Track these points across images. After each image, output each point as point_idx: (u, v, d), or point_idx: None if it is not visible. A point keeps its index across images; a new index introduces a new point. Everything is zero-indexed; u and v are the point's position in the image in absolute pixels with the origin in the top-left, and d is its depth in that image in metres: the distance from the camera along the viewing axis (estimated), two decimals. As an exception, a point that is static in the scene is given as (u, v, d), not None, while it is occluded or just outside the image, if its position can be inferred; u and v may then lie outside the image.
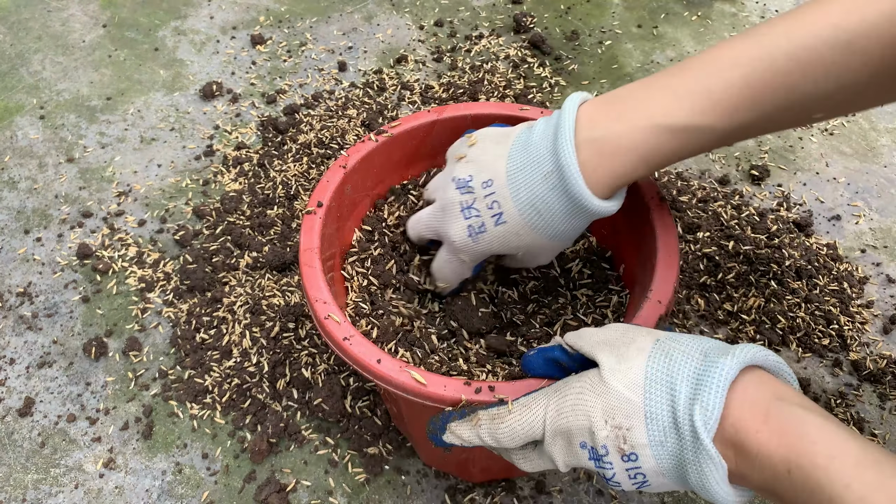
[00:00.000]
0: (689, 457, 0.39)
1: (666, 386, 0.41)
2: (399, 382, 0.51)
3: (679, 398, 0.40)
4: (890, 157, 1.07)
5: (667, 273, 0.57)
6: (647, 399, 0.41)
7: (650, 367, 0.42)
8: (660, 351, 0.43)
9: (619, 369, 0.43)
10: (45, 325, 0.86)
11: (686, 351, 0.42)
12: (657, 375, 0.42)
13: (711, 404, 0.38)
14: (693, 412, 0.39)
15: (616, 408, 0.42)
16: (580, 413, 0.44)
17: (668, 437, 0.40)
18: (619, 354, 0.44)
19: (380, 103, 1.11)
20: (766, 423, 0.38)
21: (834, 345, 0.84)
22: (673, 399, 0.40)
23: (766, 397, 0.39)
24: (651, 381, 0.42)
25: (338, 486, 0.73)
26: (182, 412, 0.78)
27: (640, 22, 1.30)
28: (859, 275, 0.91)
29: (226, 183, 1.01)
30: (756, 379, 0.40)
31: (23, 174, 1.03)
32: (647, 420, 0.41)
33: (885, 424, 0.78)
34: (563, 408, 0.45)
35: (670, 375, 0.41)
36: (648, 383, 0.42)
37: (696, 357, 0.41)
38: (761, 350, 0.41)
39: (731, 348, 0.41)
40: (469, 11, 1.32)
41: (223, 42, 1.25)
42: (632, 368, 0.43)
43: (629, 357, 0.43)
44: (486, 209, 0.55)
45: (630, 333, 0.46)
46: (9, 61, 1.20)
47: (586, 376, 0.45)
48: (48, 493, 0.73)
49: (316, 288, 0.57)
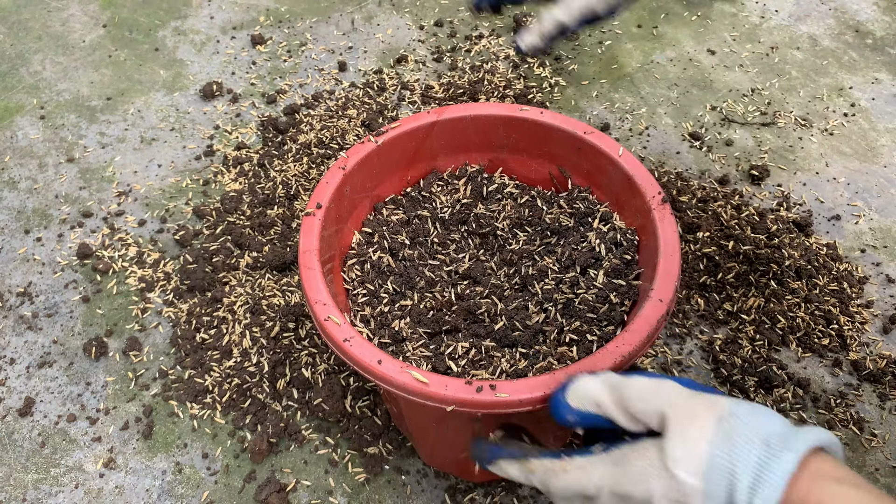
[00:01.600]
0: None
1: (726, 473, 0.43)
2: (400, 383, 0.51)
3: (739, 487, 0.42)
4: (890, 157, 1.07)
5: (668, 272, 0.57)
6: (707, 483, 0.43)
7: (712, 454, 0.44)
8: (722, 435, 0.44)
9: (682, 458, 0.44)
10: (45, 325, 0.86)
11: (748, 437, 0.44)
12: (718, 463, 0.43)
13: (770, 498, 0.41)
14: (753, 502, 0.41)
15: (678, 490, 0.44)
16: (642, 489, 0.46)
17: None
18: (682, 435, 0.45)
19: (380, 103, 1.11)
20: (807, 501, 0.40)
21: (834, 345, 0.84)
22: (732, 487, 0.42)
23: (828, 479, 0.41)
24: (712, 467, 0.43)
25: (338, 485, 0.73)
26: (182, 412, 0.78)
27: (640, 22, 1.30)
28: (859, 275, 0.91)
29: (226, 183, 1.01)
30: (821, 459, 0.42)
31: (23, 174, 1.03)
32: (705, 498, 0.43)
33: (885, 424, 0.78)
34: (623, 480, 0.47)
35: (731, 464, 0.43)
36: (710, 469, 0.43)
37: (758, 446, 0.43)
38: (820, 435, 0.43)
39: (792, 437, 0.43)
40: (469, 11, 1.32)
41: (223, 42, 1.25)
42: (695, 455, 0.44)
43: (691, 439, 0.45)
44: None
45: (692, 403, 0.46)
46: (9, 61, 1.20)
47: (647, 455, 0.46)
48: (48, 493, 0.73)
49: (315, 290, 0.57)
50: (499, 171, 0.75)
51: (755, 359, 0.82)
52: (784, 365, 0.82)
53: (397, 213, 0.72)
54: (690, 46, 1.25)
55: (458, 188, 0.73)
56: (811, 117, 1.13)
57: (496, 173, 0.75)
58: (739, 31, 1.28)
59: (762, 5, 1.34)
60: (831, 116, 1.13)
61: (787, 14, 1.32)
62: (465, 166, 0.75)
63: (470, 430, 0.55)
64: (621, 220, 0.67)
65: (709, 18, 1.31)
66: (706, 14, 1.32)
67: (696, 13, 1.32)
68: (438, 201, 0.72)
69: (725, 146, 1.08)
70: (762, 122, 1.12)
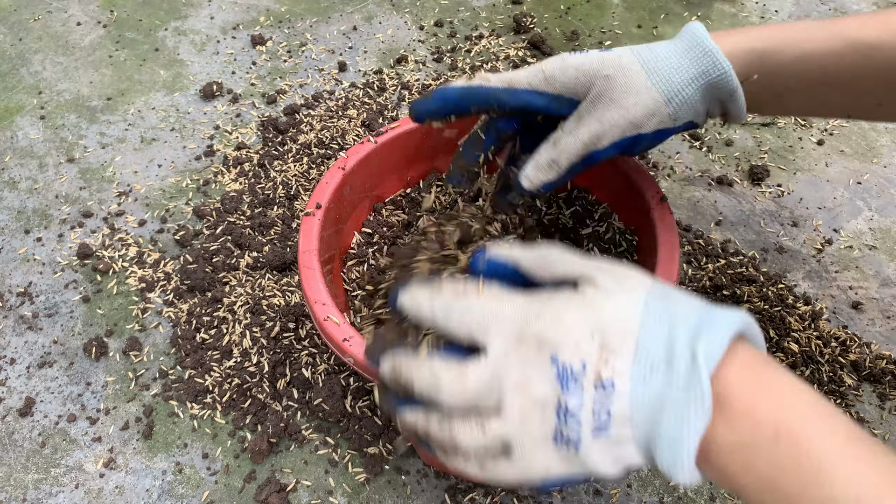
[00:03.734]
0: (675, 395, 0.35)
1: (666, 322, 0.38)
2: None
3: (678, 335, 0.37)
4: (890, 157, 1.07)
5: (667, 271, 0.57)
6: (643, 329, 0.37)
7: (650, 301, 0.39)
8: (658, 291, 0.40)
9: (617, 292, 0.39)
10: (45, 325, 0.86)
11: (685, 299, 0.40)
12: (657, 310, 0.38)
13: (717, 344, 0.36)
14: (696, 346, 0.36)
15: (607, 328, 0.38)
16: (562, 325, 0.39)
17: (654, 373, 0.36)
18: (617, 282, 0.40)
19: (380, 103, 1.12)
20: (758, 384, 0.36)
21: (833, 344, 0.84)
22: (671, 336, 0.37)
23: (759, 360, 0.38)
24: (649, 313, 0.38)
25: (338, 485, 0.73)
26: (182, 412, 0.78)
27: (640, 22, 1.30)
28: (859, 275, 0.91)
29: (226, 183, 1.01)
30: (746, 343, 0.39)
31: (23, 174, 1.03)
32: (637, 349, 0.37)
33: (885, 424, 0.78)
34: (543, 312, 0.40)
35: (671, 314, 0.38)
36: (646, 314, 0.38)
37: (696, 306, 0.39)
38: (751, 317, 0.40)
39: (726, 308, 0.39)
40: (469, 12, 1.32)
41: (223, 42, 1.25)
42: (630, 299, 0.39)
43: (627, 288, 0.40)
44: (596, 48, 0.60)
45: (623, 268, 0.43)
46: (9, 61, 1.21)
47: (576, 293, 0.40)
48: (48, 493, 0.73)
49: (315, 290, 0.57)
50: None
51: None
52: (782, 361, 0.82)
53: (397, 213, 0.72)
54: (690, 46, 1.25)
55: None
56: (811, 117, 1.13)
57: (495, 174, 0.75)
58: (739, 31, 1.28)
59: (762, 5, 1.34)
60: (831, 116, 1.13)
61: (787, 14, 1.32)
62: None
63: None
64: (620, 220, 0.67)
65: (709, 18, 1.31)
66: (706, 14, 1.32)
67: (696, 13, 1.32)
68: (438, 202, 0.72)
69: (725, 146, 1.08)
70: (762, 122, 1.12)
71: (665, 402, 0.36)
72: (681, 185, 1.02)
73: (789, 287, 0.89)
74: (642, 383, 0.36)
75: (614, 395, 0.36)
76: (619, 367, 0.36)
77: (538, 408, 0.38)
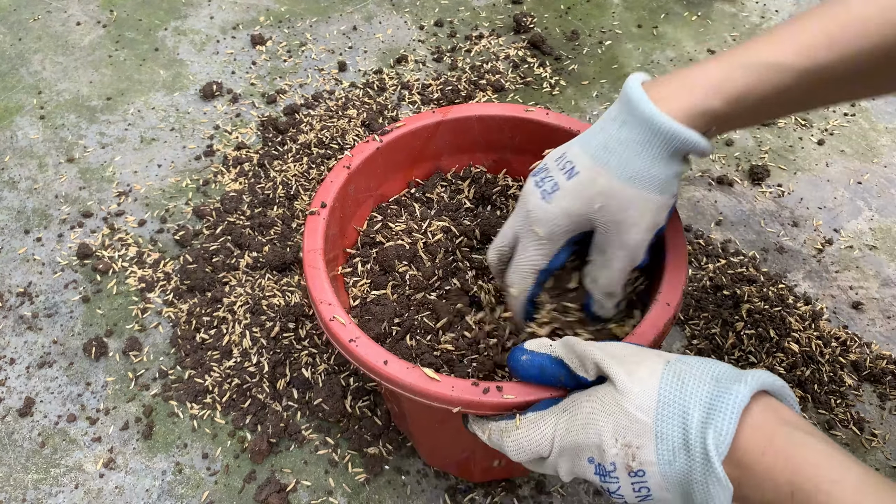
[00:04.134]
0: (698, 477, 0.40)
1: (678, 409, 0.42)
2: (406, 384, 0.51)
3: (691, 422, 0.41)
4: (890, 157, 1.07)
5: (675, 276, 0.56)
6: (658, 421, 0.42)
7: (663, 390, 0.43)
8: (672, 374, 0.43)
9: (632, 391, 0.43)
10: (45, 325, 0.86)
11: (698, 376, 0.43)
12: (670, 398, 0.42)
13: (725, 430, 0.40)
14: (706, 436, 0.40)
15: (627, 427, 0.43)
16: (591, 432, 0.44)
17: (677, 457, 0.41)
18: (630, 374, 0.44)
19: (380, 103, 1.11)
20: (772, 447, 0.39)
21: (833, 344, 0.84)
22: (685, 422, 0.41)
23: (773, 422, 0.40)
24: (663, 403, 0.42)
25: (338, 486, 0.73)
26: (182, 412, 0.78)
27: (640, 22, 1.30)
28: (859, 275, 0.91)
29: (226, 183, 1.01)
30: (763, 404, 0.41)
31: (23, 174, 1.03)
32: (658, 440, 0.42)
33: (885, 424, 0.78)
34: (572, 426, 0.46)
35: (683, 399, 0.42)
36: (661, 406, 0.42)
37: (709, 382, 0.42)
38: (770, 375, 0.42)
39: (741, 374, 0.42)
40: (469, 11, 1.32)
41: (223, 42, 1.25)
42: (645, 391, 0.43)
43: (641, 379, 0.44)
44: (558, 168, 0.53)
45: (640, 354, 0.46)
46: (9, 61, 1.20)
47: (596, 395, 0.45)
48: (48, 493, 0.73)
49: (320, 290, 0.57)
50: (503, 173, 0.75)
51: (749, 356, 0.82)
52: (782, 361, 0.82)
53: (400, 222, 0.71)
54: (690, 46, 1.25)
55: (462, 189, 0.73)
56: (811, 117, 1.13)
57: (500, 174, 0.75)
58: (739, 31, 1.28)
59: (762, 5, 1.34)
60: (831, 116, 1.13)
61: (788, 14, 1.32)
62: (470, 167, 0.75)
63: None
64: None
65: (709, 18, 1.31)
66: (706, 14, 1.32)
67: (696, 13, 1.32)
68: (442, 203, 0.72)
69: (725, 146, 1.08)
70: (762, 122, 1.12)
71: (690, 480, 0.41)
72: (681, 184, 1.02)
73: (790, 287, 0.89)
74: (668, 465, 0.41)
75: (647, 477, 0.42)
76: (645, 458, 0.42)
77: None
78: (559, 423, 0.47)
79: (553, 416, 0.47)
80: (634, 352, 0.46)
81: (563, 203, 0.52)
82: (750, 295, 0.86)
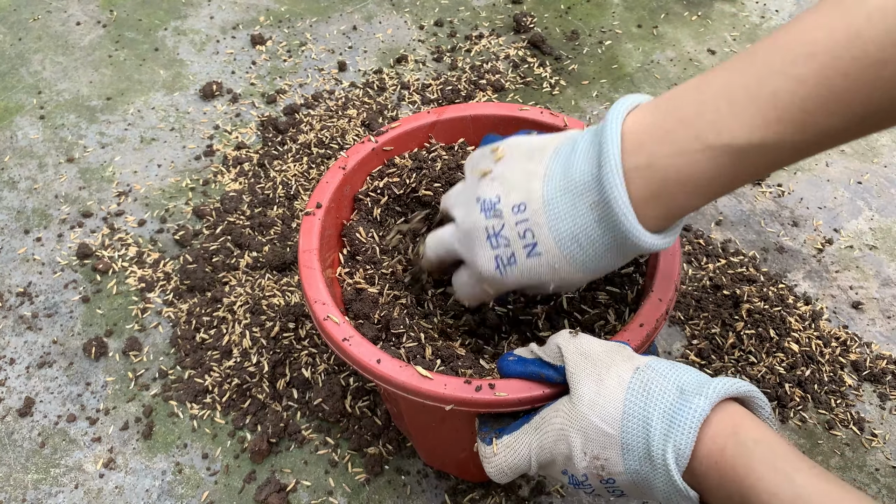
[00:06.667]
0: (661, 486, 0.43)
1: (641, 421, 0.43)
2: (399, 382, 0.51)
3: (654, 435, 0.42)
4: (890, 157, 1.07)
5: (668, 271, 0.57)
6: (624, 433, 0.44)
7: (628, 401, 0.44)
8: (638, 384, 0.44)
9: (598, 403, 0.45)
10: (45, 325, 0.86)
11: (663, 385, 0.44)
12: (634, 410, 0.44)
13: (683, 444, 0.41)
14: (666, 450, 0.41)
15: (594, 440, 0.45)
16: (562, 447, 0.46)
17: (642, 465, 0.43)
18: (598, 381, 0.45)
19: (380, 103, 1.11)
20: (724, 458, 0.41)
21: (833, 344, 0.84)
22: (648, 435, 0.43)
23: (726, 432, 0.42)
24: (628, 415, 0.44)
25: (338, 486, 0.73)
26: (182, 412, 0.78)
27: (640, 22, 1.30)
28: (859, 275, 0.91)
29: (226, 183, 1.01)
30: (723, 413, 0.43)
31: (23, 174, 1.03)
32: (624, 451, 0.44)
33: (885, 424, 0.78)
34: (545, 443, 0.48)
35: (646, 411, 0.43)
36: (625, 418, 0.44)
37: (673, 393, 0.43)
38: (734, 384, 0.43)
39: (704, 385, 0.43)
40: (469, 11, 1.32)
41: (223, 42, 1.25)
42: (610, 402, 0.44)
43: (608, 388, 0.45)
44: (518, 238, 0.48)
45: (611, 356, 0.47)
46: (9, 61, 1.20)
47: (564, 409, 0.47)
48: (48, 493, 0.73)
49: (315, 289, 0.57)
50: None
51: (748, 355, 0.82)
52: (782, 361, 0.82)
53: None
54: (691, 46, 1.25)
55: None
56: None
57: None
58: (740, 31, 1.28)
59: (762, 5, 1.34)
60: (831, 116, 1.13)
61: (788, 14, 1.32)
62: None
63: (469, 429, 0.56)
64: None
65: (709, 18, 1.31)
66: (706, 14, 1.32)
67: (696, 13, 1.32)
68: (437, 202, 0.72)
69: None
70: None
71: (653, 486, 0.43)
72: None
73: (790, 287, 0.89)
74: (636, 473, 0.44)
75: (618, 483, 0.45)
76: (614, 470, 0.45)
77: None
78: (533, 444, 0.48)
79: (526, 437, 0.49)
80: (607, 351, 0.47)
81: (519, 277, 0.50)
82: (750, 295, 0.86)
